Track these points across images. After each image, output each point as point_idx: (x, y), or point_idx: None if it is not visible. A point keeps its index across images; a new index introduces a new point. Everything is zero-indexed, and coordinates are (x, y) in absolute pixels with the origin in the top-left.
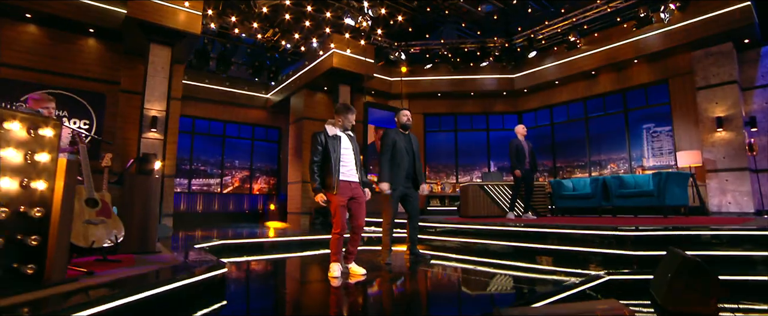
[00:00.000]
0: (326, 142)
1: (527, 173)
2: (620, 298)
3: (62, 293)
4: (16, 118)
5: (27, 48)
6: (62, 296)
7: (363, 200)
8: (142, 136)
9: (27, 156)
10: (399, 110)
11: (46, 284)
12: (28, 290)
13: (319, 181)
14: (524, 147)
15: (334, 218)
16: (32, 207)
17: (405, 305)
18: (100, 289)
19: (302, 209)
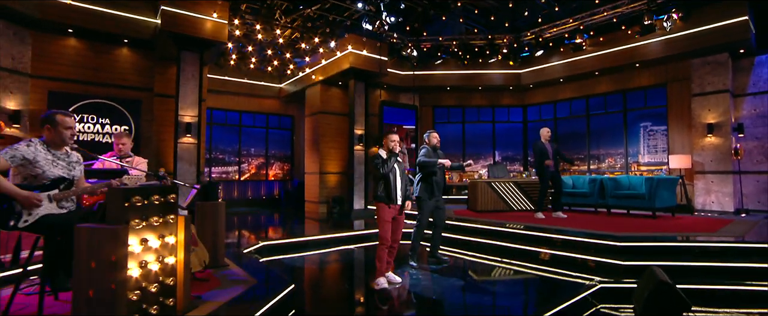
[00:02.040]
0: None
1: (553, 174)
2: (607, 301)
3: None
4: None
5: (71, 61)
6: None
7: (402, 218)
8: (178, 142)
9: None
10: (430, 133)
11: (180, 312)
12: None
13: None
14: (548, 150)
15: (381, 230)
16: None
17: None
18: (229, 310)
19: (320, 198)
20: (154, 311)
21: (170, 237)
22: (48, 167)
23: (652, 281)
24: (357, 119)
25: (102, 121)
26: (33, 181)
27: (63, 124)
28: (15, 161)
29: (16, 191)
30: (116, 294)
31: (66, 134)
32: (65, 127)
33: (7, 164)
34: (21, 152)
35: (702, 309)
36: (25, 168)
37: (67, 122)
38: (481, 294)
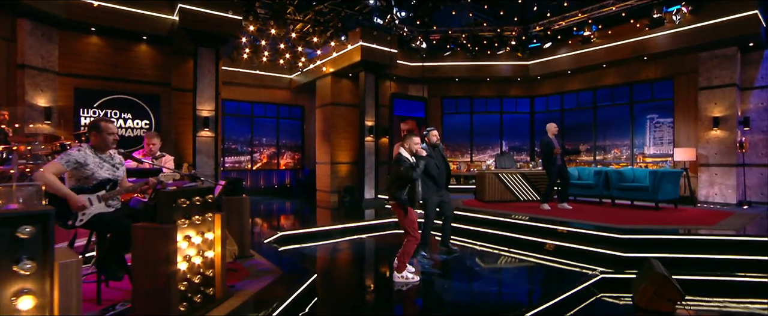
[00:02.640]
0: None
1: (560, 167)
2: (607, 290)
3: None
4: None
5: (94, 58)
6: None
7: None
8: (196, 135)
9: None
10: (429, 131)
11: (218, 300)
12: (215, 305)
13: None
14: (555, 144)
15: (411, 228)
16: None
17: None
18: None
19: (331, 188)
20: (198, 300)
21: (209, 233)
22: (96, 169)
23: (650, 273)
24: (367, 111)
25: (124, 116)
26: (84, 182)
27: (107, 130)
28: (69, 165)
29: (68, 194)
30: (169, 285)
31: (109, 139)
32: (108, 132)
33: (63, 168)
34: (74, 157)
35: (696, 298)
36: (78, 171)
37: (110, 128)
38: (489, 282)
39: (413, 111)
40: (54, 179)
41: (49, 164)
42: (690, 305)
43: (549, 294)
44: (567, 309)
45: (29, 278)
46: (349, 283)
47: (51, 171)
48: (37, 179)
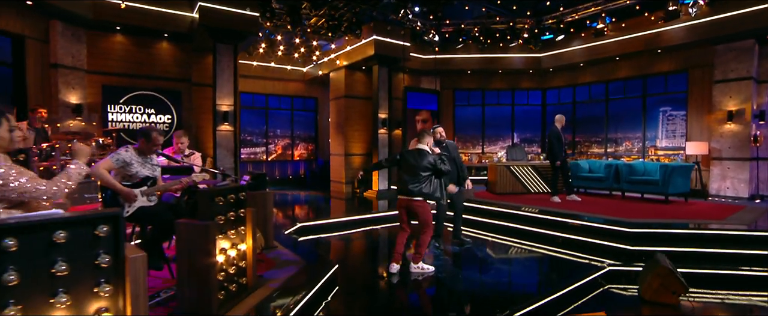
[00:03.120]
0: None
1: (563, 159)
2: (614, 282)
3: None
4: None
5: (119, 56)
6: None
7: None
8: (216, 129)
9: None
10: (434, 128)
11: (250, 289)
12: (248, 293)
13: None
14: (562, 135)
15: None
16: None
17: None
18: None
19: (345, 178)
20: (233, 289)
21: (241, 228)
22: (139, 168)
23: (656, 266)
24: (381, 104)
25: (148, 111)
26: (128, 179)
27: (155, 141)
28: (118, 163)
29: (120, 188)
30: (209, 276)
31: (152, 148)
32: (155, 143)
33: (113, 165)
34: (122, 157)
35: (701, 291)
36: (123, 169)
37: (158, 140)
38: (500, 273)
39: (426, 103)
40: (107, 174)
41: (102, 161)
42: (694, 297)
43: (558, 285)
44: (575, 299)
45: (106, 271)
46: (366, 273)
47: (104, 167)
48: (93, 173)
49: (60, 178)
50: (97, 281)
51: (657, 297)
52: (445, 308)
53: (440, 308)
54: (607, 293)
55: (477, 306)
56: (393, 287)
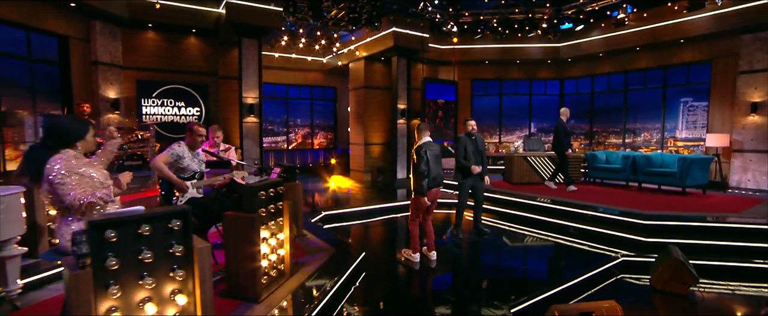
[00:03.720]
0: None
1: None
2: (627, 272)
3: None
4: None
5: (151, 52)
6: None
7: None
8: (243, 121)
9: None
10: (467, 121)
11: (288, 275)
12: (286, 279)
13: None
14: (567, 128)
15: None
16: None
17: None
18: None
19: (365, 167)
20: (274, 274)
21: (280, 219)
22: (189, 162)
23: (668, 258)
24: (400, 94)
25: (178, 104)
26: (180, 173)
27: (197, 133)
28: (173, 157)
29: (176, 180)
30: (254, 263)
31: (198, 140)
32: (198, 134)
33: (169, 158)
34: (176, 152)
35: (711, 282)
36: (176, 163)
37: (200, 131)
38: (517, 260)
39: (444, 94)
40: (166, 167)
41: (160, 156)
42: (704, 288)
43: (572, 273)
44: (588, 288)
45: (179, 258)
46: (389, 259)
47: (162, 161)
48: (153, 167)
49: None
50: (172, 267)
51: (668, 287)
52: (466, 293)
53: (461, 293)
54: (619, 282)
55: (495, 292)
56: (415, 273)
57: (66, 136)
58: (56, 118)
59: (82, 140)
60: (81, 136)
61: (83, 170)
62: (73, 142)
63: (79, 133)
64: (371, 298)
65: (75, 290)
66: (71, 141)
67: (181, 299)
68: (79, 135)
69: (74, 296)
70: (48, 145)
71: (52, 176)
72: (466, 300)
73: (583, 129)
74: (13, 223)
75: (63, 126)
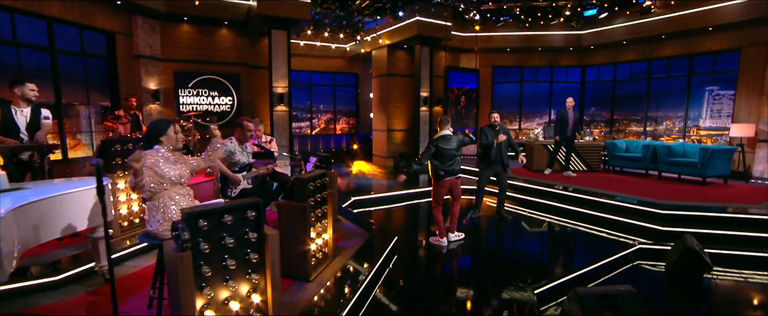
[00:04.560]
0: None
1: (568, 139)
2: (643, 259)
3: (347, 261)
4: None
5: (187, 44)
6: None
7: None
8: (273, 110)
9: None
10: (491, 114)
11: (332, 258)
12: (330, 260)
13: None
14: (569, 117)
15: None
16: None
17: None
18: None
19: (387, 153)
20: (320, 257)
21: (325, 206)
22: (240, 156)
23: (683, 247)
24: (422, 82)
25: (212, 94)
26: (232, 167)
27: (246, 128)
28: (226, 153)
29: (230, 174)
30: (305, 247)
31: (247, 135)
32: (248, 130)
33: (223, 155)
34: (229, 148)
35: (725, 270)
36: (229, 158)
37: (249, 127)
38: (536, 246)
39: (466, 82)
40: (221, 164)
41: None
42: (717, 276)
43: (591, 259)
44: (606, 273)
45: (253, 244)
46: (418, 242)
47: (219, 157)
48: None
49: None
50: (247, 251)
51: (681, 274)
52: (491, 275)
53: (486, 274)
54: (635, 268)
55: (517, 275)
56: (442, 255)
57: (151, 134)
58: (152, 122)
59: (164, 136)
60: (162, 133)
61: (159, 167)
62: (157, 139)
63: (159, 130)
64: (405, 278)
65: (180, 268)
66: (155, 138)
67: (254, 277)
68: (159, 132)
69: (180, 274)
70: (145, 146)
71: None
72: (492, 281)
73: (603, 117)
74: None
75: (150, 127)
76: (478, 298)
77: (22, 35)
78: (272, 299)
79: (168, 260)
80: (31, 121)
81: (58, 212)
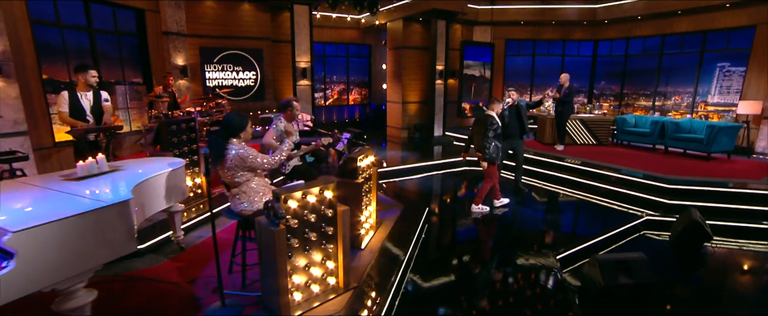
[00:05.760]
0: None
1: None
2: (649, 229)
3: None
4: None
5: (211, 20)
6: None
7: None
8: (297, 84)
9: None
10: (508, 91)
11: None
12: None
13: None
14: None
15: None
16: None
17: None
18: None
19: (402, 125)
20: (368, 227)
21: (371, 182)
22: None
23: (687, 219)
24: (438, 56)
25: (236, 68)
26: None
27: (296, 108)
28: (277, 132)
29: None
30: (359, 219)
31: (295, 114)
32: (297, 110)
33: (275, 134)
34: (281, 127)
35: (723, 239)
36: (281, 137)
37: (298, 107)
38: (553, 216)
39: (481, 56)
40: (275, 143)
41: (269, 133)
42: (716, 244)
43: (601, 229)
44: (616, 241)
45: (329, 219)
46: (446, 212)
47: (271, 137)
48: (266, 144)
49: (275, 154)
50: (322, 225)
51: (684, 243)
52: (514, 242)
53: (510, 242)
54: (642, 237)
55: (538, 242)
56: (470, 224)
57: (232, 128)
58: (227, 114)
59: (243, 132)
60: (243, 128)
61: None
62: (238, 134)
63: (241, 126)
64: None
65: (278, 241)
66: (236, 132)
67: (329, 246)
68: (241, 127)
69: (278, 246)
70: (221, 136)
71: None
72: (518, 247)
73: (613, 91)
74: (181, 188)
75: (233, 121)
76: (508, 263)
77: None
78: (343, 265)
79: (265, 233)
80: (94, 104)
81: (155, 190)
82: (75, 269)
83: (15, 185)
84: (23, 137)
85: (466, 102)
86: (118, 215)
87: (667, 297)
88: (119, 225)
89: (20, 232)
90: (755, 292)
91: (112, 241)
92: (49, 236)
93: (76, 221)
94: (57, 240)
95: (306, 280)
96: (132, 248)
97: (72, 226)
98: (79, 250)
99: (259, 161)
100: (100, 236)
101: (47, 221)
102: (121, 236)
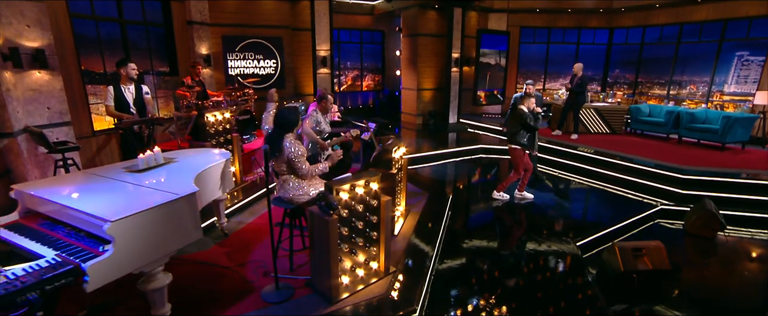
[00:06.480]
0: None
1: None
2: (663, 218)
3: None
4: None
5: (233, 9)
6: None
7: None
8: (316, 73)
9: None
10: (527, 84)
11: (406, 213)
12: (405, 217)
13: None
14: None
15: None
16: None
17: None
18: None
19: (416, 111)
20: (399, 212)
21: (401, 173)
22: (325, 125)
23: (702, 208)
24: (454, 44)
25: (257, 57)
26: (319, 134)
27: (329, 100)
28: (313, 122)
29: (320, 141)
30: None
31: (328, 106)
32: (329, 102)
33: (312, 124)
34: (315, 118)
35: (736, 228)
36: (317, 126)
37: (331, 99)
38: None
39: (497, 45)
40: (312, 132)
41: (306, 122)
42: (729, 233)
43: (617, 218)
44: (632, 229)
45: (373, 209)
46: (468, 198)
47: (308, 127)
48: (305, 133)
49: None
50: (366, 214)
51: (698, 232)
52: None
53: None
54: (656, 226)
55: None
56: (492, 210)
57: (287, 124)
58: (281, 111)
59: (297, 127)
60: (296, 124)
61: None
62: (292, 129)
63: (295, 123)
64: (466, 229)
65: (331, 229)
66: (291, 128)
67: (373, 233)
68: (295, 124)
69: (331, 234)
70: (277, 131)
71: (290, 155)
72: (540, 233)
73: (627, 79)
74: (228, 179)
75: (288, 118)
76: (531, 247)
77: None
78: (385, 251)
79: (318, 222)
80: (136, 96)
81: (212, 180)
82: (158, 253)
83: (86, 177)
84: (68, 127)
85: (481, 90)
86: (188, 205)
87: (682, 283)
88: (189, 214)
89: (118, 221)
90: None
91: (185, 228)
92: (139, 225)
93: (158, 210)
94: (144, 228)
95: (352, 265)
96: (199, 234)
97: (155, 215)
98: (160, 236)
99: (304, 169)
100: (176, 224)
101: (137, 211)
102: (190, 224)
